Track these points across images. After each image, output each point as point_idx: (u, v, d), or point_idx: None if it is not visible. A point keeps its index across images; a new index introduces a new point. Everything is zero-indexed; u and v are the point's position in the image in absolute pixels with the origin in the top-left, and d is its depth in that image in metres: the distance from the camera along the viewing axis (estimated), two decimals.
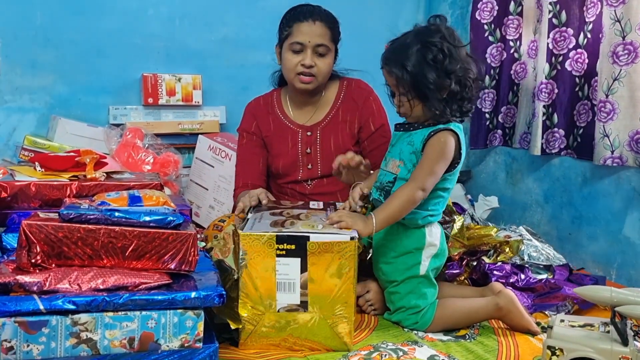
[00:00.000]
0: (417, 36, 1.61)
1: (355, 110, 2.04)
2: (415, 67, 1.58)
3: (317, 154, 2.06)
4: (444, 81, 1.58)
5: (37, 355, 1.26)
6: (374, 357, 1.49)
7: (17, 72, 2.57)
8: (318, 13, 1.96)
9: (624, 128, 2.08)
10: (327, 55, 1.96)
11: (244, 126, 2.13)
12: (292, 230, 1.48)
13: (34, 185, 1.73)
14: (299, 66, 1.94)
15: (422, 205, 1.64)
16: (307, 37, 1.93)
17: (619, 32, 2.06)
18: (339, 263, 1.48)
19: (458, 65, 1.58)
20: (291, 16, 1.98)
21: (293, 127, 2.07)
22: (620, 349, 1.29)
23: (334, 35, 1.98)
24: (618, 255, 2.21)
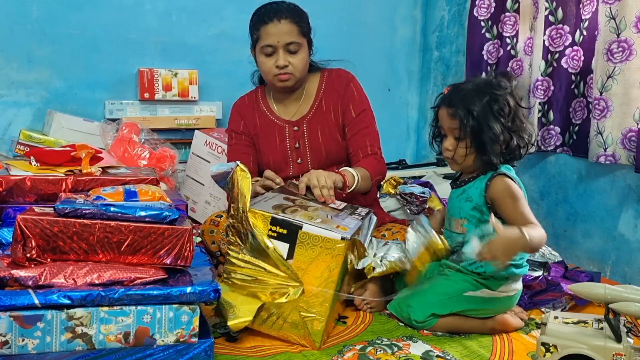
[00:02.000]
0: (487, 87, 1.61)
1: (337, 98, 2.05)
2: (481, 116, 1.57)
3: (305, 147, 2.06)
4: (505, 136, 1.58)
5: (32, 349, 1.26)
6: (368, 352, 1.50)
7: (13, 67, 2.57)
8: (281, 11, 1.94)
9: (617, 126, 2.09)
10: (299, 50, 1.95)
11: (232, 126, 2.12)
12: (288, 216, 1.50)
13: (29, 180, 1.72)
14: (274, 68, 1.94)
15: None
16: (275, 38, 1.92)
17: (613, 30, 2.06)
18: (325, 260, 1.48)
19: (519, 122, 1.60)
20: (257, 19, 1.96)
21: (279, 122, 2.07)
22: (613, 345, 1.29)
23: (302, 29, 1.96)
24: (613, 252, 2.22)
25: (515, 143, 1.60)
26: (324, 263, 1.48)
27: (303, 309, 1.50)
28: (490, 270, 1.62)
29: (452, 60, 3.12)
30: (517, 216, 1.56)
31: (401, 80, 3.31)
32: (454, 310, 1.64)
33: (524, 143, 1.62)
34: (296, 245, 1.48)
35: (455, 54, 3.10)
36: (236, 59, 2.90)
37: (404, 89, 3.33)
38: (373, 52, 3.15)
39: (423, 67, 3.32)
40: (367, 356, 1.48)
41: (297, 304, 1.49)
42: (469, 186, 1.66)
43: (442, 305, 1.63)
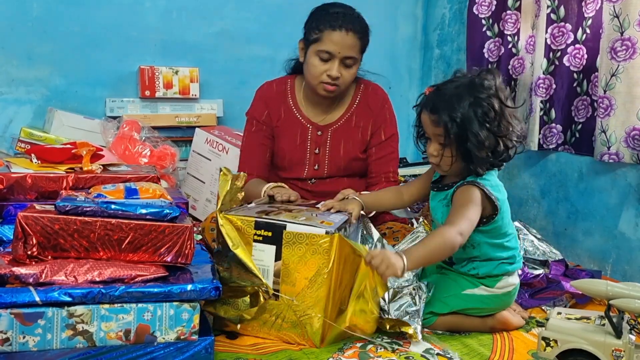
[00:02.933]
0: (470, 89, 1.53)
1: (370, 116, 2.02)
2: (465, 123, 1.51)
3: (325, 155, 2.02)
4: (491, 141, 1.52)
5: (33, 346, 1.26)
6: (369, 350, 1.50)
7: (13, 64, 2.57)
8: (352, 21, 1.88)
9: (620, 124, 2.08)
10: (353, 65, 1.92)
11: (254, 114, 2.05)
12: (271, 218, 1.49)
13: (30, 177, 1.73)
14: (325, 75, 1.89)
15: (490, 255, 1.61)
16: (337, 48, 1.86)
17: (617, 28, 2.06)
18: (314, 258, 1.46)
19: (506, 124, 1.53)
20: (323, 20, 1.88)
21: (304, 122, 2.02)
22: (613, 341, 1.29)
23: (363, 46, 1.93)
24: (613, 250, 2.21)
25: (502, 147, 1.54)
26: (313, 261, 1.46)
27: (299, 308, 1.49)
28: (482, 272, 1.62)
29: (453, 58, 3.12)
30: (456, 213, 1.52)
31: (402, 78, 3.31)
32: (454, 309, 1.63)
33: (512, 144, 1.56)
34: (282, 246, 1.47)
35: (456, 52, 3.10)
36: (237, 57, 2.90)
37: (405, 87, 3.32)
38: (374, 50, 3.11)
39: (424, 65, 3.32)
40: (367, 354, 1.48)
41: (291, 304, 1.48)
42: (450, 191, 1.60)
43: (442, 303, 1.63)
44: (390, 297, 1.59)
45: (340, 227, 1.51)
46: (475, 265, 1.62)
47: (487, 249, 1.61)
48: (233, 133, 2.60)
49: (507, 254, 1.63)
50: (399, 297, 1.59)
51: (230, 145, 2.46)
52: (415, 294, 1.59)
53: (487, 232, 1.59)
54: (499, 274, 1.63)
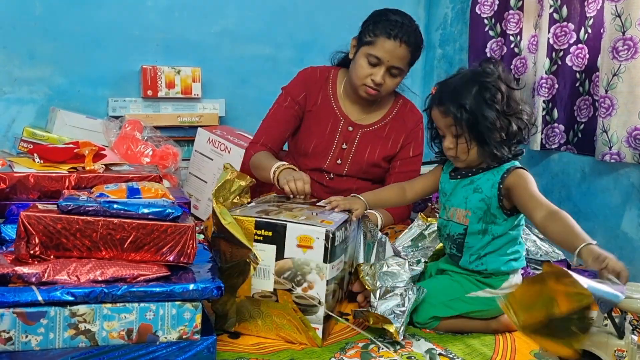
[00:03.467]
0: (474, 77, 1.56)
1: (403, 131, 2.05)
2: (474, 107, 1.52)
3: (350, 153, 2.04)
4: (502, 122, 1.54)
5: (36, 346, 1.26)
6: (371, 350, 1.50)
7: (15, 64, 2.57)
8: (408, 34, 1.90)
9: (622, 124, 2.08)
10: (398, 76, 1.95)
11: (292, 91, 2.07)
12: (271, 218, 1.49)
13: (32, 177, 1.73)
14: (369, 79, 1.92)
15: (501, 250, 1.61)
16: (387, 56, 1.89)
17: (619, 27, 2.06)
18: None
19: (515, 106, 1.55)
20: (382, 25, 1.91)
21: (339, 114, 2.04)
22: (615, 342, 1.29)
23: (413, 59, 1.95)
24: (616, 251, 2.20)
25: (514, 127, 1.55)
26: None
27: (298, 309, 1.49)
28: (490, 268, 1.61)
29: (456, 58, 3.12)
30: (536, 199, 1.51)
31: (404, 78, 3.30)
32: (458, 313, 1.62)
33: (524, 124, 1.57)
34: (285, 245, 1.47)
35: (458, 52, 3.09)
36: (239, 56, 2.90)
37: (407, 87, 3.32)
38: None
39: (426, 65, 3.32)
40: (369, 354, 1.48)
41: (291, 304, 1.48)
42: (477, 177, 1.61)
43: (445, 307, 1.62)
44: (381, 294, 1.59)
45: (340, 226, 1.52)
46: (484, 260, 1.61)
47: (501, 241, 1.61)
48: (235, 133, 2.60)
49: (516, 248, 1.63)
50: (390, 296, 1.58)
51: (233, 145, 2.46)
52: (405, 295, 1.59)
53: (509, 222, 1.60)
54: (507, 272, 1.62)
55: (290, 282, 1.48)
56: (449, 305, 1.62)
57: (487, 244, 1.61)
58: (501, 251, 1.62)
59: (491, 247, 1.61)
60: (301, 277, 1.48)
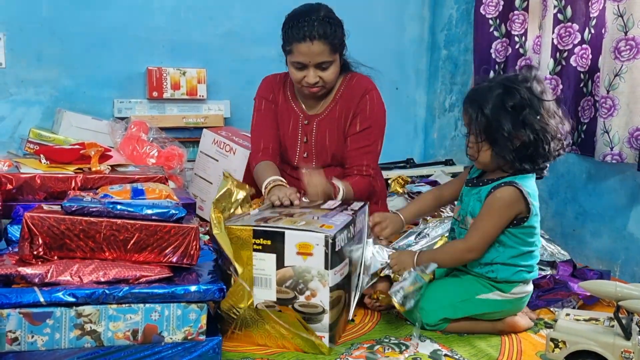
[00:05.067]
0: (503, 80, 1.56)
1: (350, 107, 2.04)
2: (491, 111, 1.52)
3: (312, 145, 2.07)
4: (518, 131, 1.51)
5: (42, 346, 1.27)
6: (376, 350, 1.50)
7: (22, 65, 2.58)
8: (316, 30, 1.89)
9: (624, 124, 2.07)
10: (330, 66, 1.95)
11: (262, 94, 2.12)
12: (269, 225, 1.46)
13: (39, 178, 1.73)
14: (303, 81, 1.95)
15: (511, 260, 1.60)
16: (307, 58, 1.91)
17: (621, 28, 2.05)
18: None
19: (537, 117, 1.51)
20: (290, 33, 1.93)
21: (297, 110, 2.09)
22: (622, 342, 1.29)
23: (334, 46, 1.93)
24: (622, 251, 2.20)
25: (531, 138, 1.51)
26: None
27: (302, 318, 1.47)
28: (501, 276, 1.60)
29: (461, 58, 3.11)
30: (476, 227, 1.58)
31: (409, 78, 3.30)
32: (467, 315, 1.62)
33: (547, 140, 1.53)
34: (285, 253, 1.44)
35: (463, 53, 3.09)
36: (244, 58, 2.91)
37: (412, 88, 3.32)
38: (381, 51, 3.14)
39: (431, 66, 3.31)
40: (375, 354, 1.48)
41: (295, 314, 1.46)
42: (485, 188, 1.61)
43: (455, 308, 1.61)
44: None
45: (342, 229, 1.49)
46: (494, 268, 1.60)
47: (511, 252, 1.59)
48: (240, 134, 2.60)
49: (528, 262, 1.62)
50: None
51: (238, 146, 2.46)
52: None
53: (514, 235, 1.58)
54: (517, 281, 1.61)
55: (292, 290, 1.45)
56: (459, 307, 1.61)
57: (495, 252, 1.60)
58: (511, 261, 1.60)
59: (500, 258, 1.60)
60: (303, 285, 1.44)
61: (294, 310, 1.45)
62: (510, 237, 1.58)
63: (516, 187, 1.54)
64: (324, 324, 1.46)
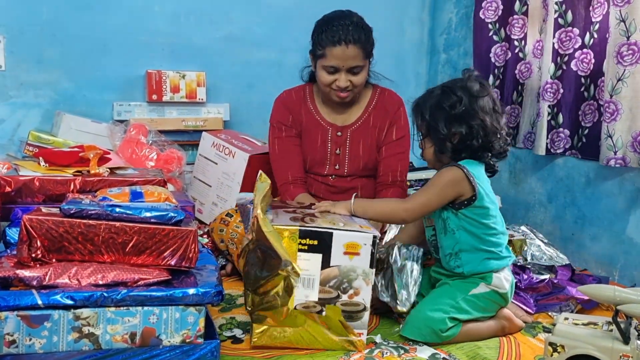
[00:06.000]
0: (443, 84, 1.70)
1: (386, 117, 2.09)
2: (429, 111, 1.65)
3: (345, 155, 2.09)
4: (453, 127, 1.62)
5: (40, 349, 1.27)
6: (375, 355, 1.50)
7: (22, 68, 2.58)
8: (351, 34, 1.93)
9: (627, 129, 2.07)
10: (361, 72, 1.99)
11: (280, 118, 2.12)
12: (316, 226, 1.47)
13: (37, 180, 1.74)
14: (334, 85, 1.98)
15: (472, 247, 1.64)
16: (340, 62, 1.95)
17: (623, 33, 2.05)
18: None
19: (472, 113, 1.62)
20: (325, 37, 1.95)
21: (324, 124, 2.09)
22: (621, 347, 1.29)
23: (367, 51, 1.99)
24: (621, 256, 2.20)
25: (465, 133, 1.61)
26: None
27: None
28: (467, 269, 1.64)
29: (460, 63, 3.11)
30: (418, 192, 1.66)
31: (409, 82, 3.30)
32: (471, 316, 1.62)
33: (482, 135, 1.62)
34: (331, 252, 1.46)
35: (462, 57, 3.09)
36: (244, 61, 2.91)
37: (412, 92, 3.28)
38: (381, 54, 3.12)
39: (430, 70, 3.31)
40: (373, 358, 1.48)
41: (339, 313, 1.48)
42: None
43: (457, 309, 1.60)
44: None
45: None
46: (459, 263, 1.65)
47: (467, 237, 1.63)
48: (240, 137, 2.61)
49: (491, 248, 1.64)
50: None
51: (237, 149, 2.47)
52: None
53: (466, 218, 1.63)
54: (485, 271, 1.64)
55: (336, 290, 1.48)
56: (460, 306, 1.61)
57: (454, 241, 1.65)
58: (475, 246, 1.64)
59: (462, 245, 1.64)
60: (347, 284, 1.48)
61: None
62: (465, 219, 1.63)
63: (460, 168, 1.62)
64: (364, 322, 1.51)
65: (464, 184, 1.61)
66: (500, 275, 1.65)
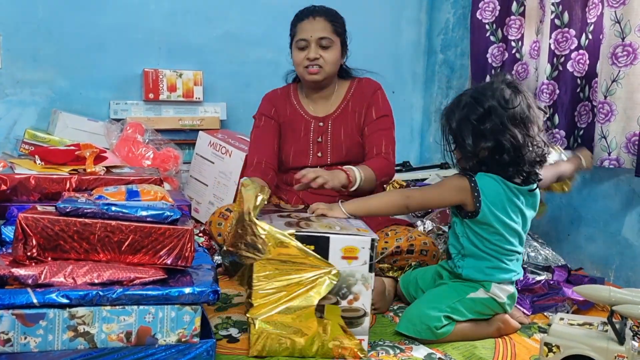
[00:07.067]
0: (472, 92, 1.62)
1: (364, 101, 2.11)
2: (457, 123, 1.60)
3: (327, 142, 2.10)
4: (480, 142, 1.56)
5: (35, 347, 1.26)
6: (370, 355, 1.49)
7: (18, 66, 2.57)
8: (317, 10, 2.06)
9: (621, 130, 2.08)
10: (331, 47, 2.03)
11: (262, 111, 2.16)
12: (312, 230, 1.44)
13: (33, 179, 1.73)
14: (305, 60, 2.02)
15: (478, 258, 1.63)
16: (308, 33, 2.02)
17: (618, 34, 2.06)
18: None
19: (502, 127, 1.54)
20: (295, 18, 2.10)
21: (307, 117, 2.12)
22: (616, 347, 1.29)
23: (336, 28, 2.05)
24: (616, 256, 2.21)
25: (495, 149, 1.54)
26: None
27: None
28: (465, 274, 1.64)
29: (457, 63, 3.12)
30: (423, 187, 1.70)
31: (406, 82, 3.31)
32: (467, 317, 1.62)
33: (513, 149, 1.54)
34: (329, 257, 1.42)
35: (460, 57, 3.09)
36: (241, 60, 2.91)
37: (409, 92, 3.32)
38: (378, 55, 3.14)
39: (427, 70, 3.32)
40: (369, 358, 1.48)
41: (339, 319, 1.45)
42: None
43: (454, 309, 1.60)
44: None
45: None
46: (461, 264, 1.65)
47: (469, 245, 1.63)
48: (236, 136, 2.60)
49: (493, 260, 1.62)
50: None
51: (234, 149, 2.47)
52: None
53: (469, 228, 1.62)
54: (483, 280, 1.63)
55: (335, 295, 1.45)
56: (457, 308, 1.61)
57: (460, 245, 1.65)
58: (473, 254, 1.63)
59: (464, 250, 1.64)
60: (346, 289, 1.44)
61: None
62: (468, 229, 1.63)
63: (468, 179, 1.59)
64: (365, 327, 1.47)
65: (468, 195, 1.58)
66: (501, 286, 1.64)
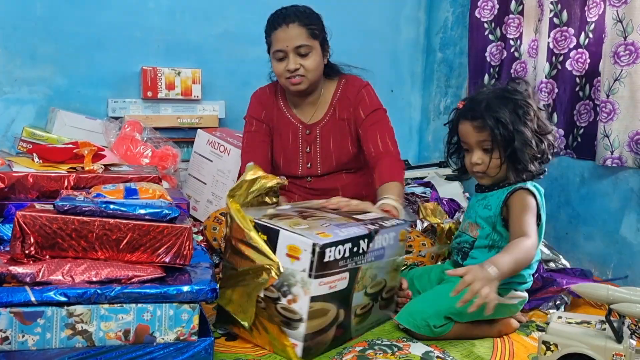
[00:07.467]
0: (506, 94, 1.60)
1: (349, 106, 2.05)
2: (510, 123, 1.56)
3: (316, 153, 2.07)
4: (535, 139, 1.58)
5: (32, 345, 1.26)
6: (368, 354, 1.49)
7: (16, 64, 2.57)
8: (289, 15, 1.94)
9: (624, 129, 2.08)
10: (310, 53, 1.96)
11: (252, 113, 2.12)
12: (270, 222, 1.44)
13: (31, 177, 1.73)
14: (286, 72, 1.96)
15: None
16: (284, 43, 1.93)
17: (620, 33, 2.06)
18: None
19: (544, 125, 1.60)
20: (268, 25, 2.00)
21: (295, 122, 2.08)
22: (614, 346, 1.29)
23: (312, 32, 1.95)
24: (615, 255, 2.21)
25: (545, 145, 1.60)
26: None
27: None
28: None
29: (456, 62, 3.12)
30: (518, 223, 1.55)
31: (404, 81, 3.31)
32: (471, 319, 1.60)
33: (550, 144, 1.61)
34: (276, 252, 1.41)
35: (458, 56, 3.09)
36: (239, 58, 2.90)
37: (407, 91, 3.32)
38: (377, 53, 3.15)
39: (426, 69, 3.32)
40: (367, 358, 1.47)
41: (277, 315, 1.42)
42: (491, 194, 1.65)
43: (457, 312, 1.57)
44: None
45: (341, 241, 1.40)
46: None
47: None
48: (235, 135, 2.60)
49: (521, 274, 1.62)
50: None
51: (232, 147, 2.46)
52: None
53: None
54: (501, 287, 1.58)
55: (277, 291, 1.41)
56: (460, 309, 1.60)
57: (491, 252, 1.62)
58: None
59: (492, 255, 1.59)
60: (287, 287, 1.40)
61: (276, 311, 1.43)
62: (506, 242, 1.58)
63: (532, 195, 1.59)
64: (299, 333, 1.40)
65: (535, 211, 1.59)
66: (517, 292, 1.64)
